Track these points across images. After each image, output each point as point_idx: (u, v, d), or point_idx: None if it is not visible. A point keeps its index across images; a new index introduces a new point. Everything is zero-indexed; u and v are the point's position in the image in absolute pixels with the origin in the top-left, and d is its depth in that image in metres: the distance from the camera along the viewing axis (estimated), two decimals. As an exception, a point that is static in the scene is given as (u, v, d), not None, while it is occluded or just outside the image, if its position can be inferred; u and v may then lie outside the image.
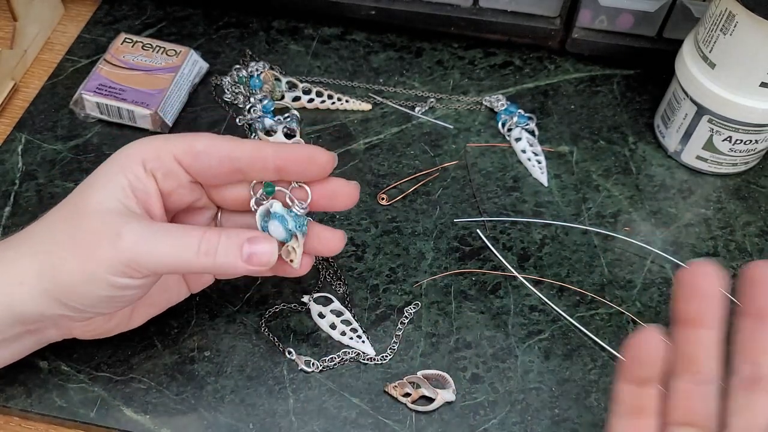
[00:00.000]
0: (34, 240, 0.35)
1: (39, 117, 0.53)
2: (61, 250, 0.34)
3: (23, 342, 0.37)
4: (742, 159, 0.50)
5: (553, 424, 0.40)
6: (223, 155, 0.35)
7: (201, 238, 0.34)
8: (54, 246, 0.34)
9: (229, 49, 0.58)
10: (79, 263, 0.33)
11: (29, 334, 0.37)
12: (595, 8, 0.55)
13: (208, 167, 0.35)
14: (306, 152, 0.35)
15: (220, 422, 0.39)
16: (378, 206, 0.49)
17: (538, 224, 0.48)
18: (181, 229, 0.34)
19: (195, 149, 0.35)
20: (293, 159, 0.35)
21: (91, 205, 0.34)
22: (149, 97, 0.51)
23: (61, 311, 0.34)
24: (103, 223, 0.33)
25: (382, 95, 0.56)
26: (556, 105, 0.56)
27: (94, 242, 0.33)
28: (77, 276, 0.33)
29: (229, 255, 0.34)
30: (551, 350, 0.43)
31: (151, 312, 0.40)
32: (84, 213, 0.34)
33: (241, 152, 0.35)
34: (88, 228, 0.34)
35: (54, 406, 0.39)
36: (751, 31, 0.43)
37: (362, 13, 0.58)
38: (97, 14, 0.60)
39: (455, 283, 0.45)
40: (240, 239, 0.34)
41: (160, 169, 0.35)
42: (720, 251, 0.48)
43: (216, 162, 0.35)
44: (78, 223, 0.34)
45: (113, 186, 0.34)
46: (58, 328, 0.37)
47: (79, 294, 0.34)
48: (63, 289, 0.34)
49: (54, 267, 0.33)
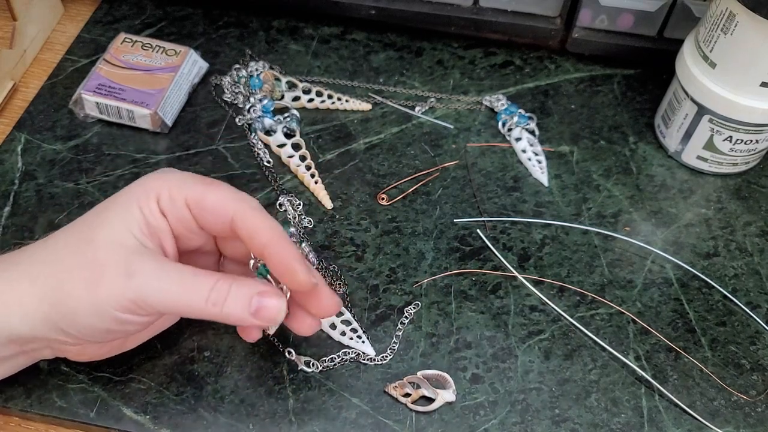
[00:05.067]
0: (36, 262, 0.34)
1: (38, 117, 0.53)
2: (68, 278, 0.33)
3: (17, 360, 0.37)
4: (743, 159, 0.50)
5: (554, 425, 0.40)
6: (227, 220, 0.34)
7: (212, 287, 0.33)
8: (60, 272, 0.33)
9: (228, 49, 0.58)
10: (86, 294, 0.32)
11: (23, 354, 0.36)
12: (595, 8, 0.55)
13: (213, 224, 0.35)
14: (290, 266, 0.33)
15: (220, 422, 0.39)
16: (378, 206, 0.49)
17: (538, 224, 0.48)
18: (193, 274, 0.33)
19: (205, 203, 0.35)
20: (278, 262, 0.34)
21: (103, 235, 0.33)
22: (149, 96, 0.51)
23: (57, 336, 0.34)
24: (115, 255, 0.33)
25: (382, 95, 0.56)
26: (556, 105, 0.56)
27: (103, 274, 0.32)
28: (82, 307, 0.33)
29: (237, 307, 0.33)
30: (551, 350, 0.43)
31: (144, 337, 0.39)
32: (94, 242, 0.33)
33: (242, 224, 0.34)
34: (99, 258, 0.33)
35: (54, 406, 0.39)
36: (752, 30, 0.43)
37: (362, 13, 0.57)
38: (96, 14, 0.60)
39: (455, 283, 0.45)
40: (251, 291, 0.34)
41: (172, 212, 0.35)
42: (720, 251, 0.48)
43: (220, 223, 0.35)
44: (87, 252, 0.33)
45: (128, 218, 0.34)
46: (52, 350, 0.37)
47: (81, 324, 0.33)
48: (65, 318, 0.33)
49: (58, 294, 0.33)
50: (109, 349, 0.38)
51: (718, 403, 0.41)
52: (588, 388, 0.41)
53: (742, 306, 0.45)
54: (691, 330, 0.44)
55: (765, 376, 0.42)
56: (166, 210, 0.35)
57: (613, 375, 0.42)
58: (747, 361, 0.43)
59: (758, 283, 0.46)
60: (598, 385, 0.41)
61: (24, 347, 0.36)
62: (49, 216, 0.47)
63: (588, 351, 0.43)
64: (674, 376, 0.42)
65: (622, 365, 0.42)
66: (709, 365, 0.42)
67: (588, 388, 0.41)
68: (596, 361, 0.42)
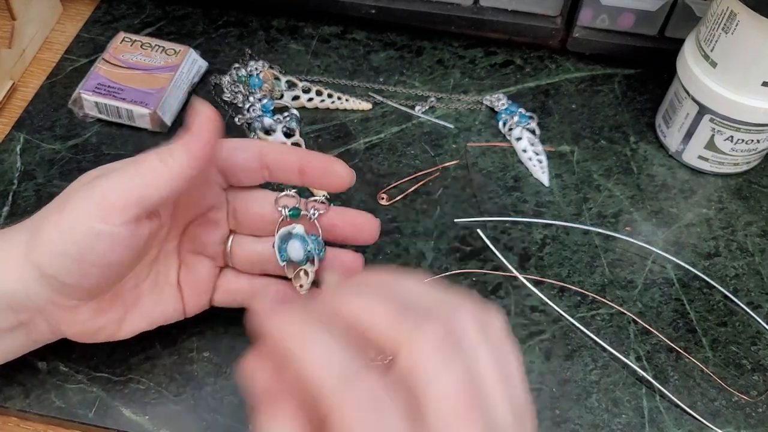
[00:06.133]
0: (24, 223, 0.36)
1: (37, 116, 0.53)
2: (44, 213, 0.34)
3: (15, 337, 0.36)
4: (744, 159, 0.50)
5: (554, 425, 0.40)
6: (255, 150, 0.37)
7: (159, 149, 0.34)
8: (41, 217, 0.35)
9: (228, 48, 0.58)
10: (58, 215, 0.33)
11: (21, 327, 0.36)
12: (596, 7, 0.55)
13: (243, 160, 0.37)
14: (327, 161, 0.38)
15: (220, 423, 0.39)
16: (378, 206, 0.49)
17: (539, 224, 0.48)
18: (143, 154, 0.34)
19: (230, 144, 0.37)
20: (315, 164, 0.38)
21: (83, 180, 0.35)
22: (148, 96, 0.51)
23: (47, 292, 0.34)
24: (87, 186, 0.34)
25: (382, 94, 0.55)
26: (557, 104, 0.56)
27: (70, 194, 0.34)
28: (58, 228, 0.33)
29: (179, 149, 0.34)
30: (552, 351, 0.42)
31: (142, 324, 0.38)
32: (75, 188, 0.35)
33: (269, 149, 0.38)
34: (74, 195, 0.34)
35: (52, 406, 0.39)
36: (753, 30, 0.43)
37: (362, 12, 0.57)
38: (95, 13, 0.60)
39: (456, 283, 0.45)
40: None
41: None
42: (721, 251, 0.48)
43: (249, 155, 0.37)
44: (67, 195, 0.34)
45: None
46: (48, 322, 0.36)
47: (54, 251, 0.33)
48: (45, 251, 0.33)
49: (37, 230, 0.34)
50: (105, 323, 0.37)
51: (719, 404, 0.41)
52: (589, 388, 0.41)
53: (743, 306, 0.45)
54: (692, 330, 0.44)
55: (766, 376, 0.42)
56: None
57: (614, 375, 0.42)
58: (748, 362, 0.42)
59: (759, 283, 0.46)
60: (599, 385, 0.41)
61: (20, 316, 0.35)
62: (48, 216, 0.47)
63: (588, 351, 0.43)
64: (675, 376, 0.42)
65: (623, 366, 0.42)
66: (710, 365, 0.42)
67: (589, 389, 0.41)
68: (597, 361, 0.42)
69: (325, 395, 0.21)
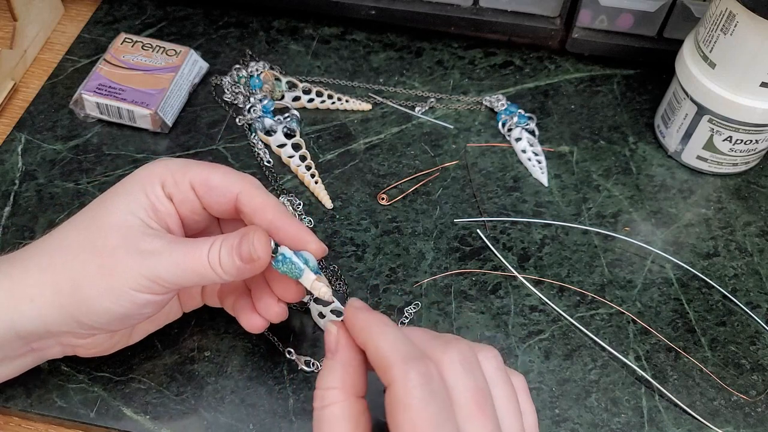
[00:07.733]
0: (46, 254, 0.34)
1: (39, 117, 0.53)
2: (81, 266, 0.33)
3: (25, 359, 0.37)
4: (743, 159, 0.50)
5: (554, 425, 0.40)
6: (232, 198, 0.36)
7: (210, 246, 0.34)
8: (71, 260, 0.33)
9: (229, 49, 0.58)
10: (102, 279, 0.33)
11: (32, 353, 0.36)
12: (595, 8, 0.55)
13: (218, 204, 0.36)
14: (301, 236, 0.36)
15: (220, 422, 0.39)
16: (378, 206, 0.49)
17: (538, 224, 0.48)
18: (194, 241, 0.34)
19: (210, 182, 0.36)
20: (288, 234, 0.36)
21: (112, 221, 0.34)
22: (149, 97, 0.51)
23: (70, 328, 0.34)
24: (125, 238, 0.33)
25: (382, 95, 0.56)
26: (556, 105, 0.56)
27: (116, 258, 0.33)
28: (99, 292, 0.33)
29: (225, 255, 0.34)
30: (551, 350, 0.43)
31: (150, 329, 0.40)
32: (103, 229, 0.34)
33: (247, 201, 0.36)
34: (110, 243, 0.33)
35: (54, 406, 0.39)
36: (752, 30, 0.43)
37: (362, 13, 0.57)
38: (96, 14, 0.60)
39: (455, 283, 0.45)
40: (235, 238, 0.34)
41: (177, 195, 0.35)
42: (720, 251, 0.48)
43: (224, 202, 0.36)
44: (97, 239, 0.33)
45: (134, 203, 0.34)
46: (62, 346, 0.37)
47: (98, 310, 0.33)
48: (81, 306, 0.33)
49: (72, 283, 0.33)
50: (118, 340, 0.38)
51: (718, 403, 0.41)
52: (588, 388, 0.41)
53: (742, 306, 0.45)
54: (691, 330, 0.44)
55: (765, 376, 0.42)
56: (171, 193, 0.35)
57: (613, 375, 0.42)
58: (747, 361, 0.43)
59: (758, 283, 0.46)
60: (598, 385, 0.41)
61: (33, 344, 0.35)
62: (49, 216, 0.47)
63: (588, 351, 0.43)
64: (674, 376, 0.42)
65: (622, 365, 0.42)
66: (709, 365, 0.42)
67: (588, 388, 0.41)
68: (596, 361, 0.42)
69: (392, 367, 0.28)
